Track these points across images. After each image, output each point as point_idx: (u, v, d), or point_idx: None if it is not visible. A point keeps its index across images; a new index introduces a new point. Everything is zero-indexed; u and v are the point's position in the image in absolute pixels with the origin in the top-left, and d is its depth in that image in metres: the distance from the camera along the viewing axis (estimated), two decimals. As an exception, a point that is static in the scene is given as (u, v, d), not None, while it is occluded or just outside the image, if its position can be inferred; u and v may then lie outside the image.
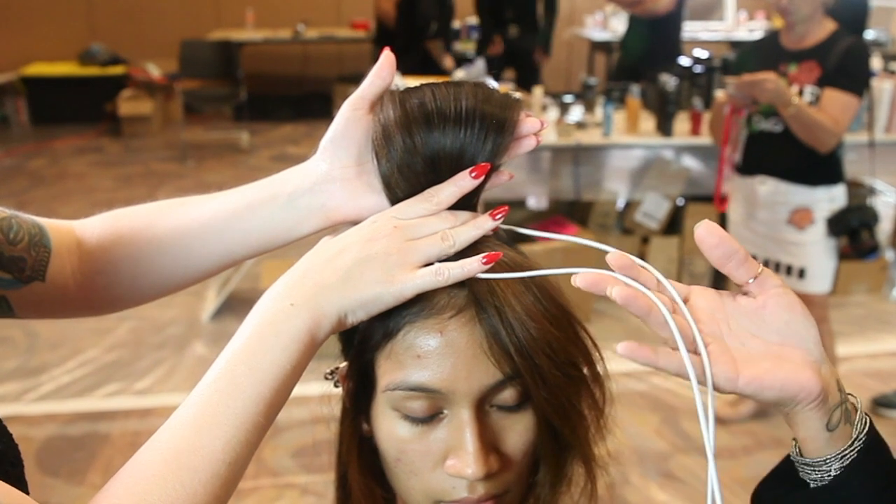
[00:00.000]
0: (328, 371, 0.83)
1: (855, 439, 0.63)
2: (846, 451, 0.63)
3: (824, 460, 0.64)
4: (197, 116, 8.47)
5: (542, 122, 0.76)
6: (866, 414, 0.66)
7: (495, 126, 0.72)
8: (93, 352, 4.01)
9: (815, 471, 0.65)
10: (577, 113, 4.43)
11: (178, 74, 7.83)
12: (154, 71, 8.32)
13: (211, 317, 4.29)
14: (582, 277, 0.66)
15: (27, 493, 0.60)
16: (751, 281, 0.65)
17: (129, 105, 8.27)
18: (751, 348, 0.64)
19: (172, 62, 8.00)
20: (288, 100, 9.11)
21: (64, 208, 5.94)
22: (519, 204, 4.76)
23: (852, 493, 0.63)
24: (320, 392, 0.82)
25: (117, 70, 8.46)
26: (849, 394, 0.66)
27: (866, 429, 0.64)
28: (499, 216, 0.75)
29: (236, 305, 4.33)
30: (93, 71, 8.43)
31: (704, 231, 0.64)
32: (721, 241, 0.64)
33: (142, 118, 8.31)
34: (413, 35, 5.68)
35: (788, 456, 0.68)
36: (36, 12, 8.54)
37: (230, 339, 0.68)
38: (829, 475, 0.64)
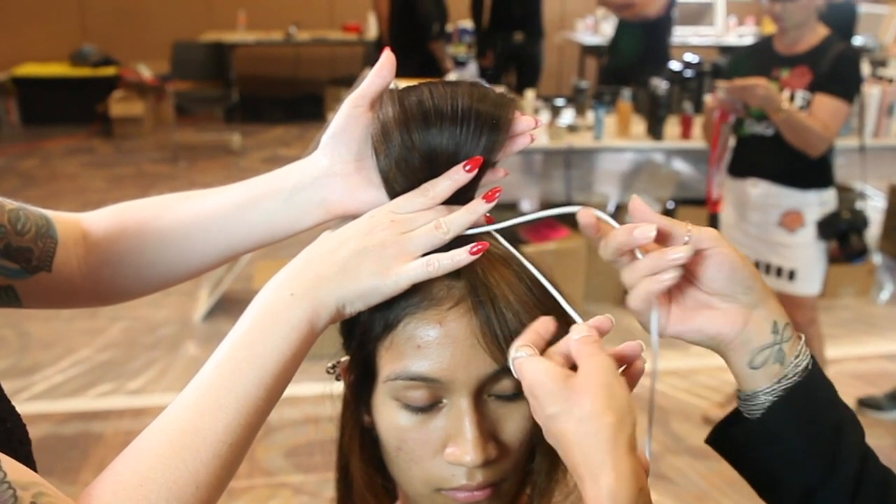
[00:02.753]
0: (329, 365, 0.85)
1: (782, 377, 0.68)
2: (772, 388, 0.68)
3: (754, 394, 0.70)
4: (188, 118, 8.46)
5: (535, 121, 0.78)
6: (812, 357, 0.70)
7: (490, 124, 0.75)
8: (85, 351, 4.02)
9: (747, 404, 0.71)
10: (568, 116, 4.46)
11: (170, 76, 7.83)
12: (146, 72, 8.31)
13: (203, 317, 4.30)
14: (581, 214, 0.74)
15: (35, 471, 0.62)
16: (686, 239, 0.68)
17: (120, 106, 8.26)
18: (687, 299, 0.72)
19: (164, 63, 8.00)
20: (280, 102, 9.11)
21: (55, 208, 5.89)
22: (510, 206, 4.78)
23: (777, 427, 0.68)
24: (314, 393, 0.84)
25: (109, 71, 8.45)
26: (799, 335, 0.70)
27: (800, 370, 0.69)
28: (494, 198, 0.77)
29: (229, 306, 4.34)
30: (84, 72, 8.42)
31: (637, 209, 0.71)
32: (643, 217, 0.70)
33: (133, 119, 8.30)
34: (415, 37, 5.69)
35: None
36: (27, 12, 8.53)
37: (223, 338, 0.71)
38: (759, 410, 0.69)
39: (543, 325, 0.70)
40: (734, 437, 0.72)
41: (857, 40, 4.95)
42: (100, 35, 8.68)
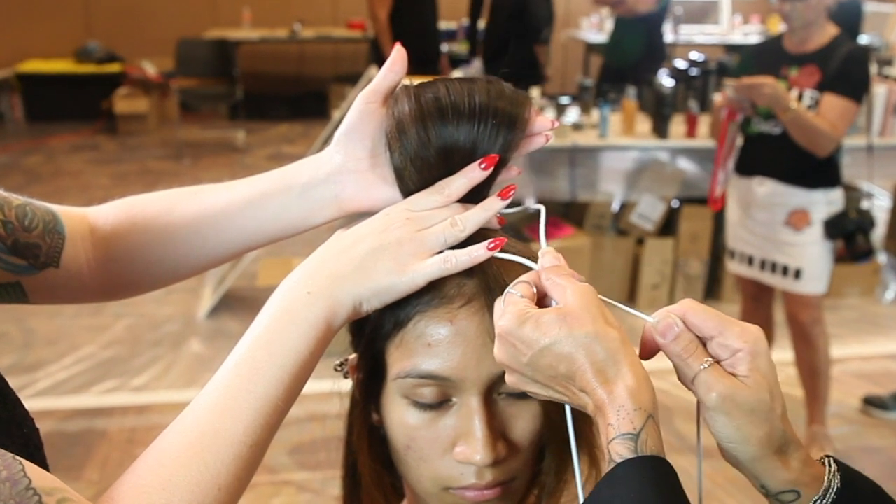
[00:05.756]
0: (337, 363, 0.85)
1: None
2: None
3: None
4: (193, 115, 8.47)
5: (552, 122, 0.78)
6: (840, 477, 0.65)
7: (507, 122, 0.74)
8: (89, 348, 4.02)
9: None
10: (573, 114, 4.45)
11: (175, 73, 7.84)
12: (150, 69, 8.32)
13: (207, 314, 4.29)
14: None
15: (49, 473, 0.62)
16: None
17: (125, 103, 8.27)
18: None
19: (169, 60, 8.01)
20: (284, 99, 9.11)
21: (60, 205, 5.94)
22: (514, 204, 4.76)
23: None
24: (318, 390, 0.84)
25: (113, 68, 8.46)
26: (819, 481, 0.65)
27: None
28: (509, 195, 0.77)
29: (233, 303, 4.34)
30: (89, 68, 8.43)
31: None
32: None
33: (138, 116, 8.31)
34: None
35: None
36: (32, 9, 8.53)
37: (226, 336, 0.70)
38: None
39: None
40: None
41: (864, 39, 4.93)
42: (104, 32, 8.69)
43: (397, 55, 0.77)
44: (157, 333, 4.18)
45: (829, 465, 0.66)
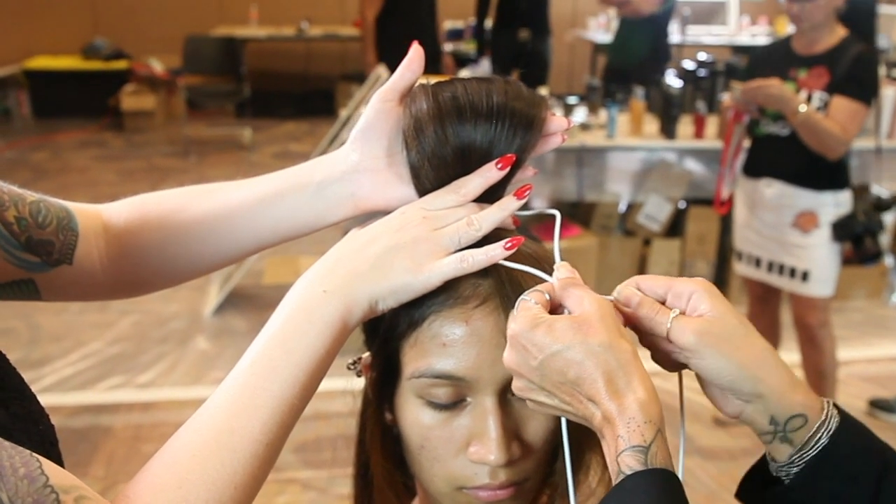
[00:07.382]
0: (350, 361, 0.84)
1: (800, 451, 0.66)
2: (791, 461, 0.66)
3: (775, 460, 0.68)
4: (199, 112, 8.47)
5: (568, 121, 0.77)
6: (839, 415, 0.66)
7: (524, 122, 0.74)
8: (95, 345, 4.02)
9: (773, 464, 0.69)
10: (580, 114, 4.45)
11: (182, 70, 7.85)
12: (157, 66, 8.33)
13: (213, 312, 4.29)
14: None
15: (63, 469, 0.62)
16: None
17: (131, 100, 8.27)
18: None
19: (176, 58, 8.02)
20: (291, 97, 9.11)
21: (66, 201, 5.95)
22: (523, 207, 4.76)
23: (807, 494, 0.66)
24: (323, 389, 0.84)
25: (120, 65, 8.47)
26: (824, 408, 0.66)
27: (820, 446, 0.65)
28: (525, 195, 0.76)
29: (238, 301, 4.34)
30: (96, 65, 8.44)
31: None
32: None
33: (144, 113, 8.32)
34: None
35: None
36: (39, 5, 8.54)
37: (232, 333, 0.70)
38: (784, 475, 0.68)
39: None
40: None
41: (883, 40, 4.91)
42: (112, 28, 8.70)
43: (415, 54, 0.77)
44: (163, 330, 4.18)
45: (826, 402, 0.67)
